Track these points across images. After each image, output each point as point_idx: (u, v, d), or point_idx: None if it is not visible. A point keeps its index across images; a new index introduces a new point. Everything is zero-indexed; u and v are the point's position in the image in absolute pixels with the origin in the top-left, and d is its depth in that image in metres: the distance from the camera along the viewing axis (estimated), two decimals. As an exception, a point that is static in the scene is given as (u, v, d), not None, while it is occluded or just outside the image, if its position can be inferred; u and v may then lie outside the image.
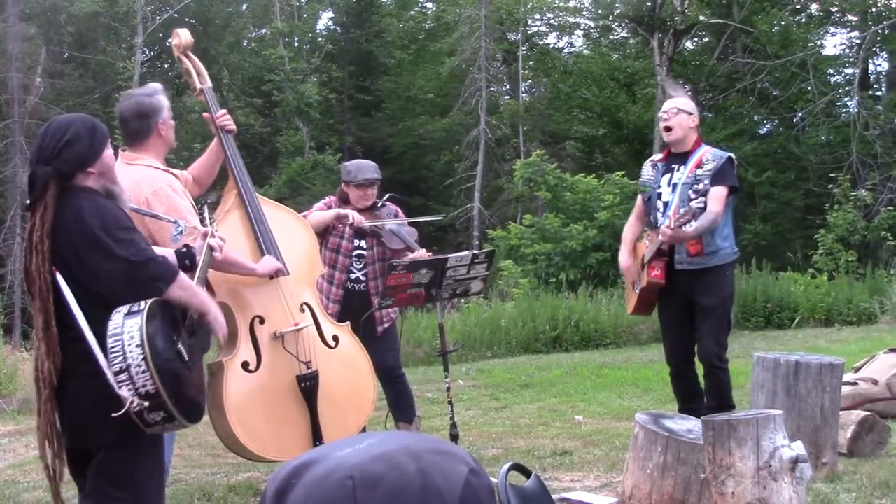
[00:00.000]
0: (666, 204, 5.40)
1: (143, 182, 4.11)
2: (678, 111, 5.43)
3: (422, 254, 5.67)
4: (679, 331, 5.52)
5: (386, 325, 5.87)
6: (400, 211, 5.98)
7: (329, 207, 5.80)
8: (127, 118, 4.26)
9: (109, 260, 3.16)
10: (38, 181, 3.21)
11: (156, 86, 4.38)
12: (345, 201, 5.84)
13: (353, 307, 5.61)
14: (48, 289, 3.16)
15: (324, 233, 5.59)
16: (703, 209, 5.25)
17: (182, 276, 3.33)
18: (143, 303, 3.12)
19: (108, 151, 3.41)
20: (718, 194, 5.28)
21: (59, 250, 3.19)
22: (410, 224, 5.98)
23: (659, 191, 5.48)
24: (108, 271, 3.17)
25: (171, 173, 4.34)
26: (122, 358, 3.03)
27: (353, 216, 5.60)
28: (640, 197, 5.73)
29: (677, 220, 5.15)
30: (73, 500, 3.79)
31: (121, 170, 4.02)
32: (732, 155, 5.55)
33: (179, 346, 3.21)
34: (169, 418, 3.12)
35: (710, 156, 5.40)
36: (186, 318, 3.38)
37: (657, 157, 5.68)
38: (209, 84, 4.85)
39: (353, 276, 5.78)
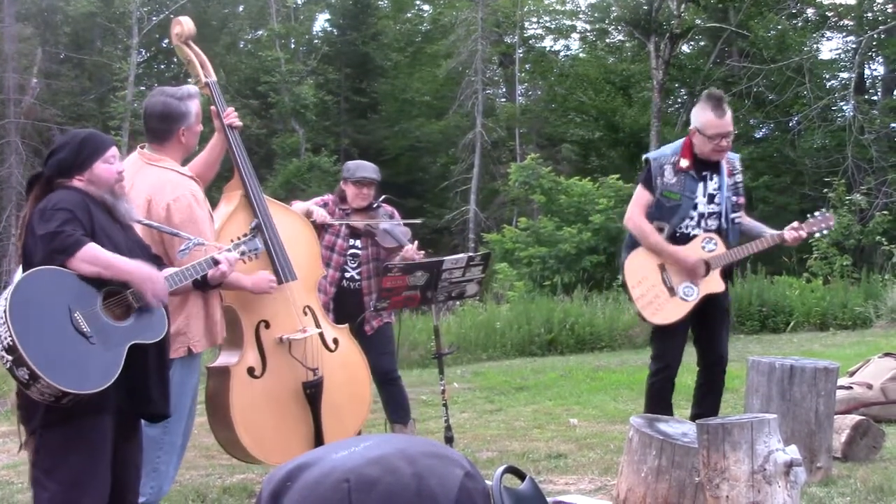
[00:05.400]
0: (703, 215, 5.29)
1: (167, 186, 4.00)
2: (732, 134, 5.41)
3: (411, 249, 5.65)
4: (686, 335, 5.46)
5: (375, 325, 5.84)
6: (396, 212, 6.00)
7: (325, 205, 5.81)
8: (150, 116, 4.16)
9: (32, 235, 3.34)
10: (28, 181, 3.53)
11: (191, 89, 4.22)
12: (343, 199, 5.89)
13: (346, 305, 5.69)
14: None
15: (319, 231, 5.58)
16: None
17: (89, 250, 3.26)
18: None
19: (105, 166, 3.46)
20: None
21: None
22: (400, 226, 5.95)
23: (696, 201, 5.28)
24: (32, 245, 3.33)
25: (194, 179, 4.20)
26: None
27: (316, 214, 5.59)
28: (646, 195, 5.30)
29: (809, 227, 5.55)
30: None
31: (140, 168, 4.00)
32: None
33: (76, 315, 3.21)
34: (34, 377, 3.11)
35: (732, 161, 5.45)
36: (128, 300, 3.36)
37: (682, 162, 5.28)
38: (214, 77, 4.65)
39: (347, 275, 5.81)
